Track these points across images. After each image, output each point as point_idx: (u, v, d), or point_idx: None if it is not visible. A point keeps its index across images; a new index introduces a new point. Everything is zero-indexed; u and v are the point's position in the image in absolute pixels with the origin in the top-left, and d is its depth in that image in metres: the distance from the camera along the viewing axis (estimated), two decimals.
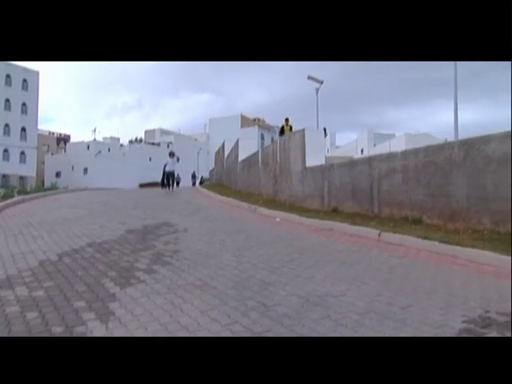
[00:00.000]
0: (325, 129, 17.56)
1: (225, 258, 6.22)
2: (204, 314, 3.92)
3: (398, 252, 6.57)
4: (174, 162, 21.48)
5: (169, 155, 22.02)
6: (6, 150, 52.86)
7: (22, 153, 54.62)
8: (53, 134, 72.19)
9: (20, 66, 54.17)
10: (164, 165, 21.90)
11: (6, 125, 52.94)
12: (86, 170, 59.64)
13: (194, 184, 43.25)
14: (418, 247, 6.84)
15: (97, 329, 3.57)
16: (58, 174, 59.94)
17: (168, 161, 21.59)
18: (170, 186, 21.51)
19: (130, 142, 78.19)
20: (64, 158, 61.38)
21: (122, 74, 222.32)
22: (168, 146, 70.92)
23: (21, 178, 51.55)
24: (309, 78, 24.10)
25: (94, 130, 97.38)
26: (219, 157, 30.05)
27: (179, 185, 37.43)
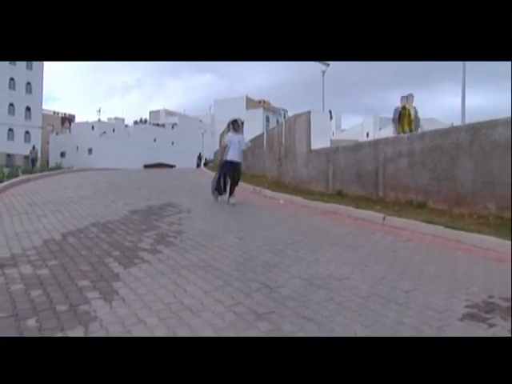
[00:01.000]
0: (330, 111, 17.11)
1: (229, 239, 6.22)
2: (208, 295, 3.93)
3: (403, 236, 6.55)
4: (240, 140, 10.62)
5: (231, 126, 10.97)
6: (10, 130, 52.82)
7: (27, 132, 54.57)
8: (57, 113, 72.00)
9: None
10: (223, 146, 11.35)
11: (11, 104, 52.78)
12: (90, 151, 59.61)
13: (198, 166, 42.53)
14: (422, 231, 6.81)
15: (100, 308, 3.59)
16: (62, 154, 59.94)
17: (230, 138, 10.62)
18: (230, 193, 10.46)
19: (135, 122, 77.96)
20: (69, 138, 61.34)
21: None
22: (173, 127, 70.79)
23: (25, 157, 51.64)
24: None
25: (99, 111, 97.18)
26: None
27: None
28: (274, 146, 16.55)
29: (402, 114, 11.70)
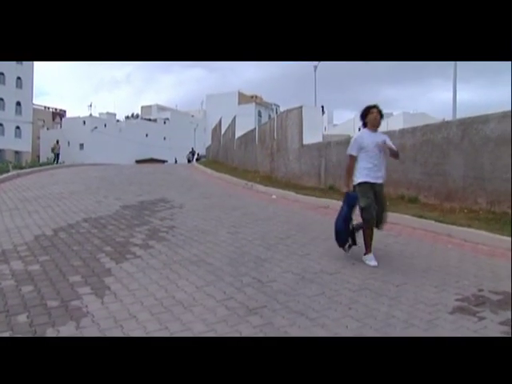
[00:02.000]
0: (322, 107, 17.10)
1: (221, 234, 6.22)
2: (199, 290, 3.93)
3: (394, 230, 6.58)
4: (382, 141, 5.05)
5: (364, 117, 5.18)
6: (0, 125, 52.28)
7: (18, 127, 54.02)
8: (48, 108, 71.32)
9: None
10: (348, 154, 5.39)
11: (1, 99, 52.18)
12: (82, 146, 59.15)
13: (189, 161, 42.05)
14: (413, 226, 6.85)
15: (92, 303, 3.58)
16: (53, 150, 59.49)
17: (362, 139, 5.13)
18: (367, 245, 5.04)
19: (127, 117, 77.55)
20: (60, 133, 60.75)
21: None
22: (165, 123, 70.39)
23: (16, 152, 51.10)
24: None
25: (90, 105, 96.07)
26: (216, 134, 29.84)
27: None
28: (266, 141, 16.53)
29: None
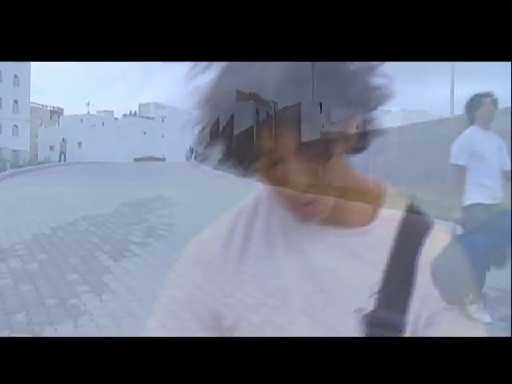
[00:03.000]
0: (320, 104, 17.15)
1: None
2: (198, 288, 3.92)
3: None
4: (499, 147, 4.03)
5: (470, 110, 3.95)
6: None
7: (15, 126, 53.91)
8: (46, 106, 71.27)
9: None
10: (453, 164, 3.95)
11: None
12: (79, 144, 59.00)
13: (187, 158, 41.87)
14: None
15: (90, 301, 3.57)
16: (51, 148, 59.29)
17: (477, 143, 3.97)
18: None
19: (124, 115, 77.28)
20: (57, 131, 60.69)
21: None
22: (163, 120, 70.25)
23: (14, 151, 51.01)
24: None
25: (88, 104, 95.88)
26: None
27: None
28: None
29: None
